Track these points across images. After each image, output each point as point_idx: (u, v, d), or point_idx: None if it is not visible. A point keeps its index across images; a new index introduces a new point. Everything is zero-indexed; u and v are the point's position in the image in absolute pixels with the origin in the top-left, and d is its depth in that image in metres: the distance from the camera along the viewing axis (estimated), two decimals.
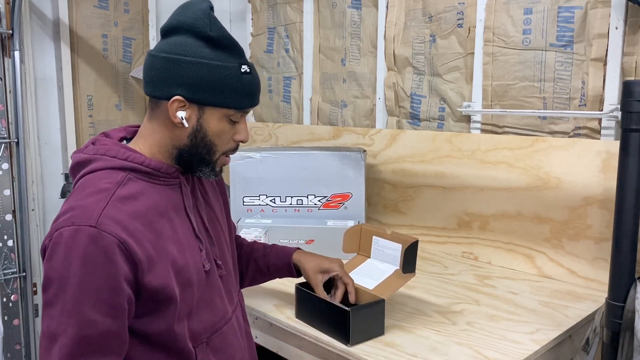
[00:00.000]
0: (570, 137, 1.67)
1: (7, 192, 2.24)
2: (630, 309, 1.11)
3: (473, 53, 1.85)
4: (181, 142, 1.02)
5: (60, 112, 2.39)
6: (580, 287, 1.57)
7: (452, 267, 1.77)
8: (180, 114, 0.99)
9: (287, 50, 2.55)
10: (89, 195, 0.94)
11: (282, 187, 1.92)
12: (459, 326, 1.32)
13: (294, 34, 2.49)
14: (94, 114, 2.46)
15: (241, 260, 1.34)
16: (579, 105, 1.64)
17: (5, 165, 2.23)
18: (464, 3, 1.86)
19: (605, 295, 1.18)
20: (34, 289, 2.34)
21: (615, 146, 1.44)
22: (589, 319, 1.38)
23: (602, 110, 1.58)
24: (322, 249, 1.49)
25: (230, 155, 1.10)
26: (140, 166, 1.00)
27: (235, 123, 1.05)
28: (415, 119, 2.08)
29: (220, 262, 1.12)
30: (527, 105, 1.75)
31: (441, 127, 2.00)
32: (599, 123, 1.60)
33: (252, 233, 1.76)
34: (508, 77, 1.77)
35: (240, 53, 1.03)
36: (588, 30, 1.59)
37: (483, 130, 1.87)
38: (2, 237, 2.24)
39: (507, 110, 1.78)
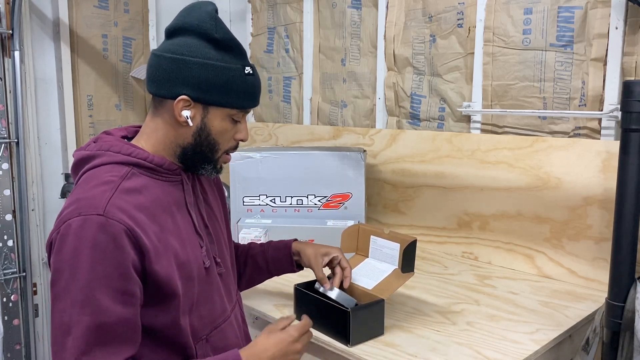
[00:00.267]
0: (570, 137, 1.67)
1: (7, 192, 2.24)
2: (630, 309, 1.11)
3: (473, 53, 1.85)
4: (185, 140, 1.04)
5: (60, 112, 2.39)
6: (580, 287, 1.58)
7: (452, 267, 1.77)
8: (185, 113, 1.01)
9: (287, 50, 2.55)
10: (94, 187, 0.95)
11: (282, 187, 1.92)
12: (459, 326, 1.32)
13: (294, 34, 2.49)
14: (94, 114, 2.46)
15: (238, 261, 1.34)
16: (579, 105, 1.64)
17: (5, 165, 2.23)
18: (464, 3, 1.86)
19: (605, 295, 1.18)
20: (34, 289, 2.34)
21: (615, 146, 1.44)
22: (589, 319, 1.38)
23: (602, 110, 1.58)
24: None
25: (230, 154, 1.12)
26: (144, 161, 1.01)
27: (236, 122, 1.08)
28: (415, 119, 2.08)
29: (219, 260, 1.13)
30: (527, 105, 1.75)
31: (441, 127, 2.00)
32: (599, 123, 1.60)
33: (252, 233, 1.76)
34: (508, 77, 1.77)
35: (243, 55, 1.05)
36: (588, 30, 1.59)
37: (483, 130, 1.87)
38: (2, 237, 2.24)
39: (507, 110, 1.78)
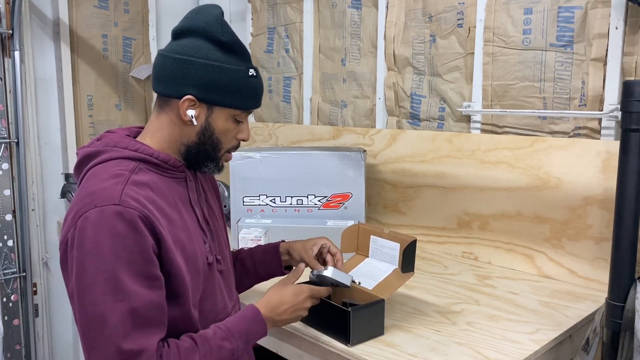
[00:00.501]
0: (570, 137, 1.67)
1: (7, 192, 2.24)
2: (630, 309, 1.11)
3: (473, 53, 1.85)
4: (189, 138, 1.07)
5: (60, 112, 2.39)
6: (580, 287, 1.57)
7: (452, 267, 1.77)
8: (190, 113, 1.04)
9: (287, 50, 2.55)
10: (105, 180, 0.97)
11: (282, 187, 1.92)
12: (459, 326, 1.32)
13: (294, 34, 2.49)
14: (94, 114, 2.46)
15: None
16: (579, 105, 1.64)
17: (5, 165, 2.23)
18: (464, 3, 1.86)
19: (605, 295, 1.18)
20: (34, 289, 2.35)
21: (615, 146, 1.44)
22: (589, 319, 1.38)
23: (602, 110, 1.58)
24: None
25: (232, 152, 1.15)
26: (150, 157, 1.04)
27: (239, 123, 1.11)
28: (415, 119, 2.08)
29: (219, 257, 1.15)
30: (527, 105, 1.75)
31: (441, 127, 2.00)
32: (599, 123, 1.60)
33: (252, 233, 1.76)
34: (508, 77, 1.77)
35: (248, 57, 1.08)
36: (588, 30, 1.59)
37: (483, 130, 1.87)
38: (2, 237, 2.24)
39: (507, 110, 1.78)
